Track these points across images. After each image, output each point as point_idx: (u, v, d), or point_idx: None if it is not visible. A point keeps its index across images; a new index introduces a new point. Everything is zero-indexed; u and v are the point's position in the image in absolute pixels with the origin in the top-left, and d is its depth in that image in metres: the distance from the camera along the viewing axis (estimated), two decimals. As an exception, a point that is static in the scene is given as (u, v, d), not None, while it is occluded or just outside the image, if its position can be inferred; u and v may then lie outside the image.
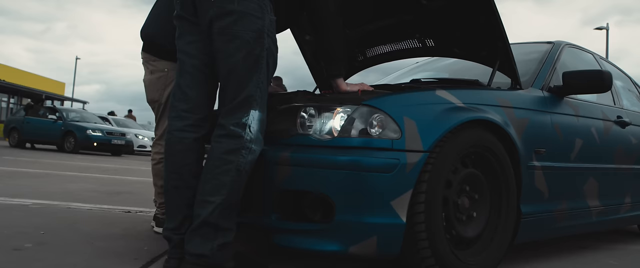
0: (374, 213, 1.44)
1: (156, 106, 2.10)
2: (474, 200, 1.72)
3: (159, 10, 2.09)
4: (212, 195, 1.46)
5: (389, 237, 1.45)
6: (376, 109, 1.52)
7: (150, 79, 2.08)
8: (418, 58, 2.89)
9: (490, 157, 1.74)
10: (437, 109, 1.62)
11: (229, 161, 1.47)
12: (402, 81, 2.78)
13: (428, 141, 1.52)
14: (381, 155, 1.46)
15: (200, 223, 1.45)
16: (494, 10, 1.89)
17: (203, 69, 1.59)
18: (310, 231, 1.51)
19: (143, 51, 2.13)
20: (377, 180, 1.44)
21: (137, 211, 2.81)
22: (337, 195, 1.44)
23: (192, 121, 1.57)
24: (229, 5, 1.49)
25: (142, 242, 1.96)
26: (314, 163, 1.48)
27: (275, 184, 1.55)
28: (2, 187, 3.51)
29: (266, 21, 1.54)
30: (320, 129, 1.56)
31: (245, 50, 1.50)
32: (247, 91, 1.50)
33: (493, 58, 2.07)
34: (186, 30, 1.60)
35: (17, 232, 1.97)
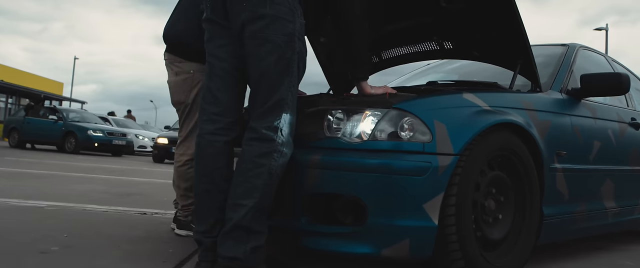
0: (406, 216, 1.45)
1: (182, 108, 2.10)
2: (499, 203, 1.73)
3: (183, 12, 2.09)
4: (244, 198, 1.46)
5: (422, 240, 1.46)
6: (407, 112, 1.53)
7: (175, 80, 2.08)
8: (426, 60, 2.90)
9: (515, 160, 1.75)
10: (465, 112, 1.63)
11: (261, 164, 1.47)
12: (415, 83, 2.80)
13: (458, 144, 1.53)
14: (413, 159, 1.47)
15: (233, 227, 1.46)
16: (516, 12, 1.91)
17: (233, 72, 1.59)
18: (341, 234, 1.51)
19: (167, 52, 2.13)
20: (410, 183, 1.45)
21: (152, 213, 2.81)
22: (370, 198, 1.45)
23: (223, 124, 1.58)
24: (261, 9, 1.49)
25: (167, 245, 1.96)
26: (345, 166, 1.49)
27: (305, 187, 1.56)
28: (11, 188, 3.50)
29: (297, 25, 1.55)
30: (350, 132, 1.57)
31: (276, 54, 1.50)
32: (279, 95, 1.51)
33: (514, 60, 2.08)
34: (216, 33, 1.60)
35: (40, 235, 1.97)
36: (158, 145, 10.02)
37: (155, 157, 10.06)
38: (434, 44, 2.45)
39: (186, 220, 2.13)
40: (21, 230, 2.04)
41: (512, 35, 1.99)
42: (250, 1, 1.49)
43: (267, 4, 1.49)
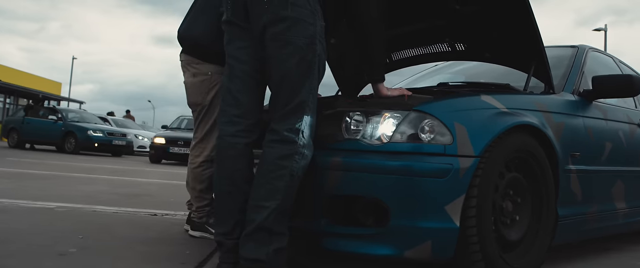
0: (428, 218, 1.46)
1: (198, 109, 2.10)
2: (516, 204, 1.74)
3: (200, 13, 2.09)
4: (266, 200, 1.47)
5: (444, 241, 1.47)
6: (427, 115, 1.53)
7: (193, 81, 2.08)
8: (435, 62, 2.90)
9: (532, 161, 1.76)
10: (484, 114, 1.64)
11: (283, 166, 1.48)
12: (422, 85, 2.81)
13: (478, 146, 1.54)
14: (435, 161, 1.48)
15: (255, 228, 1.46)
16: (531, 14, 1.92)
17: (254, 74, 1.59)
18: (362, 235, 1.52)
19: (184, 53, 2.13)
20: (432, 185, 1.45)
21: (163, 214, 2.81)
22: (392, 200, 1.46)
23: (243, 126, 1.58)
24: (282, 11, 1.50)
25: (182, 246, 1.96)
26: (367, 168, 1.50)
27: (326, 189, 1.56)
28: (17, 189, 3.49)
29: (318, 27, 1.55)
30: (370, 134, 1.57)
31: (298, 56, 1.51)
32: (301, 97, 1.51)
33: (528, 62, 2.10)
34: (236, 35, 1.60)
35: (55, 236, 1.97)
36: (155, 145, 9.77)
37: (152, 158, 9.81)
38: (446, 45, 2.47)
39: (201, 222, 2.13)
40: (35, 232, 2.03)
41: (527, 37, 2.00)
42: (272, 3, 1.50)
43: (289, 6, 1.50)
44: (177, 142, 9.50)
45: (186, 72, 2.12)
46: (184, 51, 2.14)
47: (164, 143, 9.56)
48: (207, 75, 2.06)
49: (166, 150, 9.49)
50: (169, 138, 9.69)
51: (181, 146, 9.45)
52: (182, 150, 9.37)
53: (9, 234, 1.94)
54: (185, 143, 9.30)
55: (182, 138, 9.57)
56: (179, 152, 9.43)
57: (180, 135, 9.81)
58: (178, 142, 9.49)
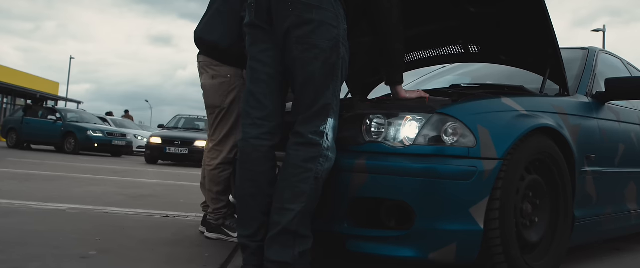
0: (453, 221, 1.47)
1: (216, 111, 2.10)
2: (535, 206, 1.76)
3: (218, 15, 2.09)
4: (291, 202, 1.47)
5: (468, 244, 1.48)
6: (451, 117, 1.54)
7: (212, 84, 2.08)
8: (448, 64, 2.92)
9: (551, 164, 1.78)
10: (505, 116, 1.65)
11: (308, 169, 1.48)
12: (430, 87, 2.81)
13: (501, 149, 1.55)
14: (459, 163, 1.49)
15: (280, 231, 1.46)
16: (547, 17, 1.93)
17: (277, 77, 1.60)
18: (386, 237, 1.53)
19: (202, 55, 2.13)
20: (457, 188, 1.46)
21: (174, 216, 2.80)
22: (417, 203, 1.47)
23: (267, 129, 1.58)
24: (307, 14, 1.50)
25: (200, 248, 1.96)
26: (392, 171, 1.50)
27: (349, 191, 1.57)
28: (25, 190, 3.47)
29: (341, 30, 1.56)
30: (393, 136, 1.58)
31: (322, 59, 1.51)
32: (325, 99, 1.52)
33: (543, 65, 2.11)
34: (259, 38, 1.60)
35: (73, 238, 1.96)
36: (151, 145, 9.39)
37: (148, 158, 9.43)
38: (459, 47, 2.48)
39: (217, 224, 2.13)
40: (52, 234, 2.03)
41: (543, 40, 2.02)
42: (297, 6, 1.50)
43: (314, 9, 1.50)
44: (173, 142, 9.20)
45: (204, 73, 2.12)
46: (202, 53, 2.14)
47: (161, 143, 9.24)
48: (226, 77, 2.06)
49: (163, 150, 9.16)
50: (165, 137, 9.38)
51: (178, 146, 9.19)
52: (179, 151, 9.15)
53: (27, 237, 1.93)
54: (182, 143, 9.16)
55: (179, 138, 9.33)
56: (175, 152, 9.16)
57: (177, 135, 9.54)
58: (175, 142, 9.20)
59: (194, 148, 9.11)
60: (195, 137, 9.33)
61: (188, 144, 9.14)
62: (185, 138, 9.31)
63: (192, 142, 9.17)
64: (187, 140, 9.22)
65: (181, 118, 11.03)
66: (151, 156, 9.37)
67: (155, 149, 9.25)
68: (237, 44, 2.04)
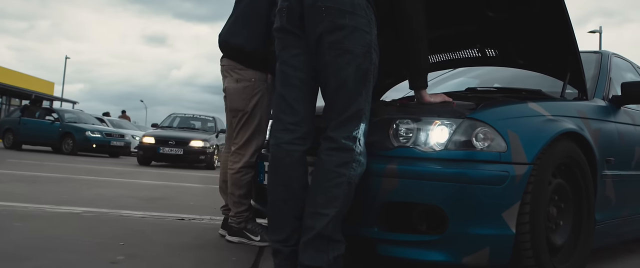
0: (486, 225, 1.48)
1: (239, 115, 2.10)
2: (560, 209, 1.78)
3: (242, 19, 2.09)
4: (325, 207, 1.48)
5: (501, 248, 1.50)
6: (481, 122, 1.56)
7: (236, 87, 2.09)
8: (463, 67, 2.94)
9: (575, 168, 1.80)
10: (533, 121, 1.67)
11: (341, 174, 1.49)
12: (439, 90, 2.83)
13: (531, 154, 1.57)
14: (491, 168, 1.50)
15: (315, 236, 1.47)
16: (568, 22, 1.95)
17: (309, 82, 1.61)
18: (419, 242, 1.54)
19: (226, 58, 2.13)
20: (490, 193, 1.48)
21: (190, 219, 2.80)
22: (451, 207, 1.48)
23: (300, 134, 1.59)
24: (340, 19, 1.51)
25: (225, 252, 1.97)
26: (424, 176, 1.52)
27: (380, 195, 1.57)
28: (35, 193, 3.45)
29: (373, 36, 1.57)
30: (423, 141, 1.59)
31: (355, 64, 1.52)
32: (358, 104, 1.53)
33: (562, 70, 2.13)
34: (290, 42, 1.61)
35: (96, 243, 1.96)
36: (144, 146, 8.84)
37: (141, 159, 8.92)
38: (476, 51, 2.50)
39: (239, 227, 2.14)
40: (74, 239, 2.02)
41: (563, 45, 2.04)
42: (330, 12, 1.51)
43: (347, 15, 1.51)
44: (168, 142, 8.73)
45: (228, 77, 2.12)
46: (226, 56, 2.14)
47: (154, 143, 8.72)
48: (250, 81, 2.07)
49: (156, 150, 8.65)
50: (159, 137, 8.87)
51: (172, 146, 8.68)
52: (173, 151, 8.66)
53: (52, 242, 1.93)
54: (177, 143, 8.71)
55: (173, 137, 8.87)
56: (170, 152, 8.67)
57: (171, 135, 9.06)
58: (169, 142, 8.72)
59: (189, 148, 8.72)
60: (191, 137, 8.93)
61: (183, 144, 8.73)
62: (180, 138, 8.88)
63: (187, 142, 8.76)
64: (182, 140, 8.80)
65: (176, 117, 10.63)
66: (144, 157, 8.87)
67: (148, 149, 8.75)
68: (262, 47, 2.05)
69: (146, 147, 8.81)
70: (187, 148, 8.71)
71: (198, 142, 8.86)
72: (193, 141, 8.81)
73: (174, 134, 9.14)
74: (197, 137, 9.00)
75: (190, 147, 8.74)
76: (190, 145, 8.75)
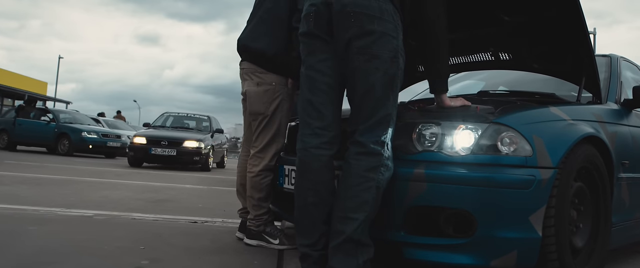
0: (514, 228, 1.50)
1: (260, 118, 2.10)
2: (580, 212, 1.81)
3: (262, 23, 2.10)
4: (355, 212, 1.49)
5: (528, 251, 1.52)
6: (507, 127, 1.58)
7: (256, 91, 2.09)
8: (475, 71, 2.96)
9: (593, 171, 1.83)
10: (556, 126, 1.69)
11: (370, 178, 1.50)
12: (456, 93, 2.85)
13: (555, 158, 1.59)
14: (518, 172, 1.52)
15: (345, 240, 1.48)
16: (583, 27, 1.98)
17: (336, 87, 1.62)
18: (446, 245, 1.55)
19: (247, 62, 2.13)
20: (517, 196, 1.50)
21: (202, 221, 2.79)
22: (479, 211, 1.50)
23: (327, 139, 1.60)
24: (369, 25, 1.52)
25: (247, 255, 1.97)
26: (453, 180, 1.53)
27: (407, 200, 1.59)
28: (43, 196, 3.42)
29: (400, 41, 1.58)
30: (449, 146, 1.60)
31: (383, 70, 1.53)
32: (386, 109, 1.54)
33: (577, 74, 2.16)
34: (317, 47, 1.62)
35: (116, 247, 1.95)
36: (135, 146, 8.38)
37: (131, 160, 8.46)
38: (489, 54, 2.52)
39: (258, 230, 2.14)
40: (94, 243, 2.01)
41: (579, 49, 2.07)
42: (359, 17, 1.52)
43: (375, 20, 1.52)
44: (160, 142, 8.28)
45: (248, 80, 2.13)
46: (246, 59, 2.14)
47: (145, 144, 8.27)
48: (271, 85, 2.07)
49: (148, 151, 8.21)
50: (150, 137, 8.40)
51: (165, 147, 8.24)
52: (165, 152, 8.22)
53: (71, 246, 1.91)
54: (169, 143, 8.28)
55: (166, 137, 8.42)
56: (162, 153, 8.23)
57: (164, 134, 8.62)
58: (162, 143, 8.28)
59: (182, 149, 8.30)
60: (185, 137, 8.51)
61: (176, 145, 8.31)
62: (173, 138, 8.45)
63: (180, 143, 8.34)
64: (175, 140, 8.38)
65: (169, 116, 10.23)
66: (134, 158, 8.42)
67: (140, 150, 8.29)
68: (283, 52, 2.05)
69: (137, 148, 8.36)
70: (180, 148, 8.30)
71: (192, 143, 8.43)
72: (187, 141, 8.40)
73: (166, 134, 8.70)
74: (191, 137, 8.57)
75: (183, 147, 8.33)
76: (183, 146, 8.34)
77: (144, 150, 8.26)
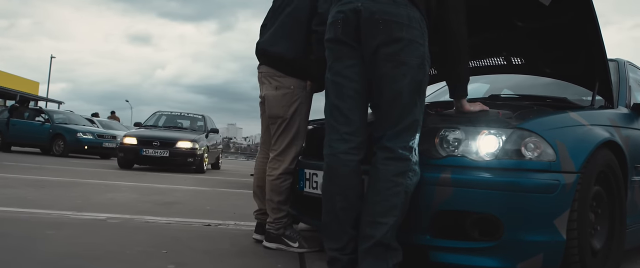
0: (540, 232, 1.54)
1: (278, 122, 2.12)
2: (597, 215, 1.85)
3: (281, 28, 2.11)
4: (384, 216, 1.52)
5: (554, 254, 1.55)
6: (531, 132, 1.61)
7: (275, 94, 2.11)
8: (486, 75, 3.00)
9: (610, 174, 1.87)
10: (577, 131, 1.73)
11: (399, 183, 1.53)
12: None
13: (578, 162, 1.63)
14: (543, 177, 1.56)
15: (374, 244, 1.51)
16: (597, 32, 2.02)
17: (363, 93, 1.64)
18: (473, 249, 1.58)
19: (266, 66, 2.15)
20: (543, 200, 1.53)
21: (216, 224, 2.80)
22: (506, 215, 1.53)
23: (355, 144, 1.62)
24: (397, 32, 1.55)
25: (269, 259, 1.98)
26: (479, 184, 1.56)
27: (433, 204, 1.62)
28: (51, 199, 3.40)
29: (426, 47, 1.61)
30: (474, 150, 1.63)
31: (410, 76, 1.56)
32: (413, 115, 1.57)
33: (590, 79, 2.20)
34: (344, 53, 1.64)
35: (139, 251, 1.95)
36: (124, 147, 7.88)
37: (121, 161, 7.96)
38: (501, 59, 2.56)
39: (278, 233, 2.15)
40: (115, 247, 2.01)
41: (590, 55, 2.11)
42: (387, 25, 1.55)
43: (404, 28, 1.55)
44: (152, 143, 7.81)
45: (266, 84, 2.15)
46: (265, 63, 2.16)
47: (136, 144, 7.80)
48: (289, 89, 2.09)
49: (138, 152, 7.74)
50: (141, 138, 7.91)
51: (157, 147, 7.77)
52: (157, 153, 7.76)
53: (93, 251, 1.91)
54: (162, 143, 7.81)
55: (158, 137, 7.95)
56: (154, 155, 7.77)
57: (156, 134, 8.14)
58: (153, 143, 7.81)
59: (175, 150, 7.84)
60: (178, 137, 8.05)
61: (169, 145, 7.86)
62: (166, 138, 7.98)
63: (173, 143, 7.89)
64: (168, 140, 7.92)
65: (162, 115, 9.74)
66: (125, 159, 7.91)
67: (130, 151, 7.81)
68: (302, 56, 2.07)
69: (127, 149, 7.86)
70: (173, 149, 7.84)
71: (186, 143, 7.98)
72: (180, 142, 7.92)
73: (158, 134, 8.19)
74: (184, 138, 8.09)
75: (176, 148, 7.87)
76: (177, 146, 7.88)
77: (134, 151, 7.81)
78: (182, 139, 8.03)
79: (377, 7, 1.55)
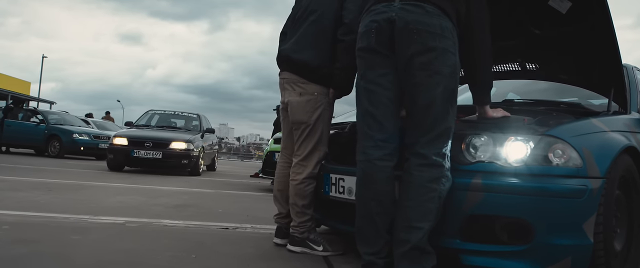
0: (569, 236, 1.59)
1: (302, 127, 2.16)
2: (617, 218, 1.91)
3: (305, 36, 2.15)
4: (420, 221, 1.56)
5: (582, 257, 1.61)
6: (558, 139, 1.67)
7: (299, 101, 2.14)
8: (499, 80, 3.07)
9: (629, 179, 1.93)
10: (601, 137, 1.79)
11: (433, 189, 1.57)
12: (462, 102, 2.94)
13: (603, 168, 1.68)
14: (571, 182, 1.61)
15: (410, 248, 1.55)
16: (613, 39, 2.08)
17: (396, 101, 1.68)
18: (504, 252, 1.63)
19: (289, 72, 2.18)
20: (572, 205, 1.59)
21: (234, 228, 2.82)
22: (536, 219, 1.58)
23: (389, 151, 1.66)
24: (431, 42, 1.59)
25: (296, 263, 2.01)
26: (509, 190, 1.61)
27: (464, 208, 1.66)
28: (63, 202, 3.39)
29: (457, 56, 1.66)
30: (503, 156, 1.68)
31: (443, 85, 1.61)
32: (446, 123, 1.61)
33: (606, 85, 2.27)
34: (377, 62, 1.68)
35: (169, 256, 1.97)
36: (115, 148, 7.40)
37: (111, 163, 7.48)
38: (516, 65, 2.62)
39: (302, 237, 2.19)
40: (145, 252, 2.03)
41: (606, 62, 2.17)
42: (421, 34, 1.59)
43: (437, 37, 1.59)
44: (143, 144, 7.37)
45: (290, 90, 2.18)
46: (288, 70, 2.19)
47: (126, 145, 7.35)
48: (313, 95, 2.13)
49: (129, 153, 7.31)
50: (132, 138, 7.45)
51: (149, 148, 7.34)
52: (150, 154, 7.34)
53: (126, 257, 1.93)
54: (154, 144, 7.38)
55: (150, 138, 7.48)
56: (146, 156, 7.33)
57: (148, 135, 7.66)
58: (145, 144, 7.37)
59: (169, 151, 7.39)
60: (172, 138, 7.56)
61: (162, 146, 7.41)
62: (159, 138, 7.52)
63: (167, 144, 7.44)
64: (161, 141, 7.47)
65: (154, 114, 9.30)
66: (115, 161, 7.43)
67: (120, 152, 7.34)
68: (327, 64, 2.11)
69: (117, 150, 7.38)
70: (166, 150, 7.38)
71: (180, 144, 7.51)
72: (174, 142, 7.46)
73: (150, 134, 7.70)
74: (178, 138, 7.60)
75: (170, 149, 7.41)
76: (170, 147, 7.42)
77: (124, 153, 7.34)
78: (176, 140, 7.57)
79: (411, 17, 1.59)
